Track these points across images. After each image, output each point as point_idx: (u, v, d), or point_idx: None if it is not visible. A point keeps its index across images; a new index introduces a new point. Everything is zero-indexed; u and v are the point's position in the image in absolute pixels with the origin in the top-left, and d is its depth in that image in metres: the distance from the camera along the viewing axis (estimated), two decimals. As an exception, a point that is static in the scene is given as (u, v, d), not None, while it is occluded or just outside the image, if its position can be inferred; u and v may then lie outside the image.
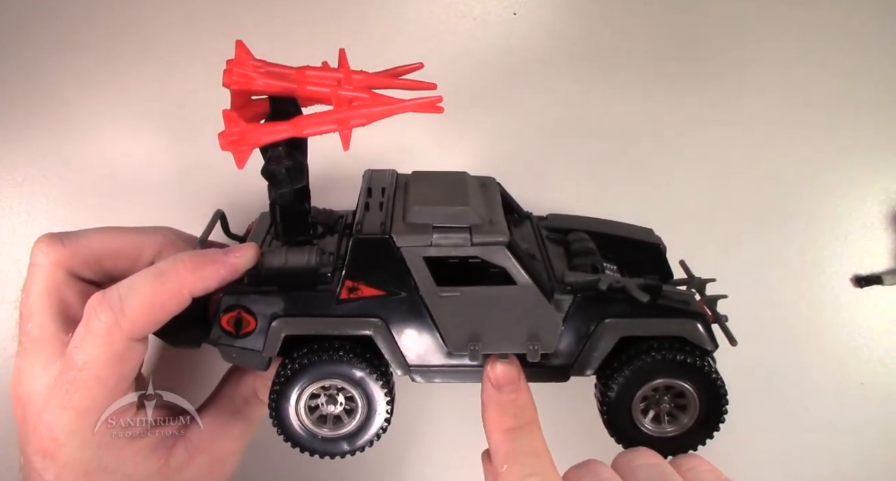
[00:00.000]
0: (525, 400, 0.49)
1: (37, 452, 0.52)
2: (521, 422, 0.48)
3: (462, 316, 0.54)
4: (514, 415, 0.48)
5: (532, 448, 0.45)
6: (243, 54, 0.50)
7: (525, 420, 0.48)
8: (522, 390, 0.50)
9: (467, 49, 0.80)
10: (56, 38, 0.75)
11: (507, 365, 0.52)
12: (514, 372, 0.51)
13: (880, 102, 0.83)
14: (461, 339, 0.55)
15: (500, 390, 0.50)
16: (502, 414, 0.49)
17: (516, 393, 0.50)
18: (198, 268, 0.53)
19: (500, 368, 0.51)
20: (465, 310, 0.54)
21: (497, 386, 0.50)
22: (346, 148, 0.48)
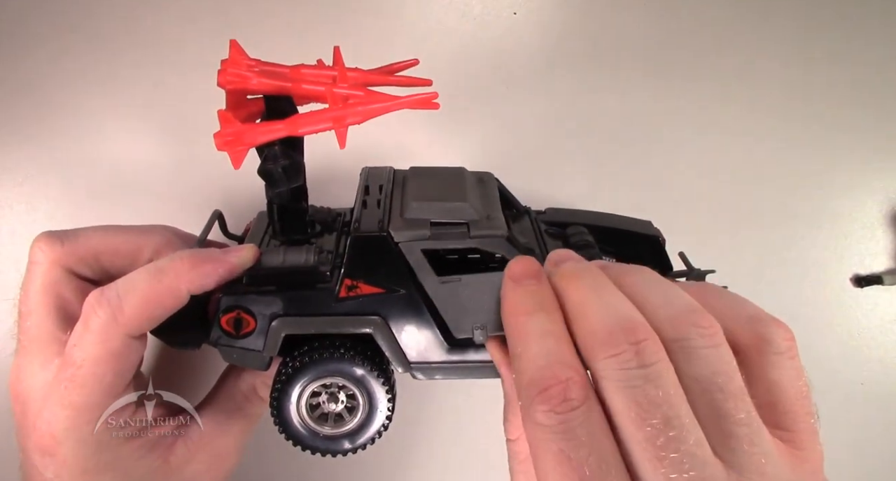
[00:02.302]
0: (547, 292, 0.44)
1: (36, 450, 0.52)
2: (541, 308, 0.43)
3: (465, 301, 0.54)
4: (535, 302, 0.43)
5: (550, 329, 0.41)
6: (237, 54, 0.50)
7: (546, 307, 0.43)
8: (544, 283, 0.45)
9: (467, 48, 0.80)
10: (56, 39, 0.75)
11: (527, 261, 0.47)
12: (535, 267, 0.46)
13: (881, 102, 0.83)
14: (465, 323, 0.54)
15: (519, 283, 0.45)
16: (521, 302, 0.44)
17: (537, 285, 0.44)
18: (196, 265, 0.53)
19: (519, 264, 0.46)
20: (468, 296, 0.54)
21: (517, 281, 0.45)
22: (343, 146, 0.48)
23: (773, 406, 0.39)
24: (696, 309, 0.39)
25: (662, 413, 0.35)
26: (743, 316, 0.41)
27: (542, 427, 0.36)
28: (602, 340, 0.37)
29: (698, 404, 0.36)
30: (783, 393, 0.39)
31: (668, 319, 0.39)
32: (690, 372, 0.37)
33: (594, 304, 0.40)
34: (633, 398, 0.35)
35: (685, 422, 0.35)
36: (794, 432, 0.39)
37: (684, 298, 0.40)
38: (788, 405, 0.39)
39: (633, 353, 0.36)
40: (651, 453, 0.35)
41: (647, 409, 0.35)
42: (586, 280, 0.42)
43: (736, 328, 0.40)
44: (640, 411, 0.35)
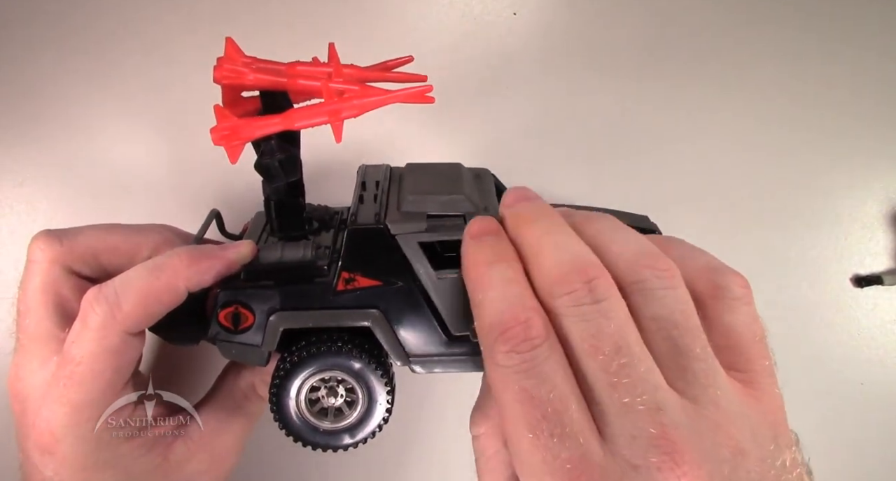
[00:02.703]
0: (506, 244, 0.44)
1: (35, 448, 0.52)
2: (500, 258, 0.43)
3: (462, 297, 0.54)
4: (493, 253, 0.44)
5: (509, 276, 0.42)
6: (233, 51, 0.50)
7: (504, 256, 0.43)
8: (503, 238, 0.45)
9: (467, 48, 0.80)
10: (56, 39, 0.76)
11: (485, 220, 0.47)
12: (494, 225, 0.47)
13: (881, 102, 0.83)
14: (462, 320, 0.55)
15: (478, 239, 0.46)
16: (480, 253, 0.44)
17: (496, 239, 0.45)
18: (194, 262, 0.53)
19: (478, 222, 0.47)
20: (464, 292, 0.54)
21: (476, 237, 0.46)
22: (339, 140, 0.48)
23: (728, 349, 0.40)
24: (655, 253, 0.41)
25: (614, 342, 0.36)
26: (701, 264, 0.43)
27: (504, 368, 0.38)
28: (557, 280, 0.39)
29: (655, 342, 0.38)
30: (738, 336, 0.40)
31: (627, 263, 0.40)
32: (647, 313, 0.38)
33: (549, 247, 0.41)
34: (587, 331, 0.37)
35: (635, 351, 0.37)
36: (749, 373, 0.40)
37: (643, 243, 0.42)
38: (743, 348, 0.40)
39: (586, 290, 0.38)
40: (605, 380, 0.36)
41: (599, 339, 0.37)
42: (541, 223, 0.43)
43: (694, 275, 0.41)
44: (593, 342, 0.37)
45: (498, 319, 0.39)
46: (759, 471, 0.36)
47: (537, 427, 0.36)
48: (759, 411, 0.39)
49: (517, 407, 0.37)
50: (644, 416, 0.35)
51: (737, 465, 0.35)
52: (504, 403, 0.38)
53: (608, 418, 0.36)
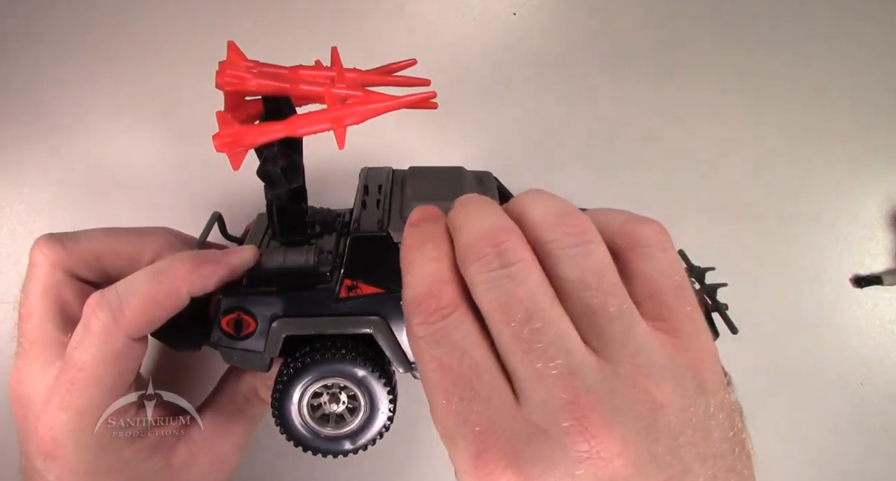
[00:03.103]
0: (439, 229, 0.43)
1: (38, 453, 0.52)
2: (428, 240, 0.43)
3: None
4: (424, 236, 0.43)
5: (432, 255, 0.41)
6: (235, 55, 0.50)
7: (433, 238, 0.43)
8: (440, 225, 0.44)
9: (467, 48, 0.80)
10: (56, 40, 0.75)
11: (426, 208, 0.46)
12: (434, 212, 0.46)
13: (881, 102, 0.83)
14: None
15: (415, 226, 0.45)
16: (412, 238, 0.44)
17: (432, 225, 0.44)
18: (196, 267, 0.53)
19: (419, 210, 0.46)
20: None
21: (414, 224, 0.45)
22: (342, 146, 0.48)
23: (650, 299, 0.40)
24: (569, 212, 0.40)
25: (525, 308, 0.36)
26: (618, 219, 0.42)
27: (419, 339, 0.38)
28: (469, 248, 0.38)
29: (570, 303, 0.37)
30: (657, 284, 0.40)
31: (541, 224, 0.39)
32: (561, 274, 0.38)
33: (471, 222, 0.40)
34: (497, 297, 0.37)
35: (548, 315, 0.36)
36: (671, 321, 0.39)
37: (560, 204, 0.41)
38: (663, 296, 0.40)
39: (495, 255, 0.37)
40: (518, 347, 0.36)
41: (510, 306, 0.36)
42: (472, 205, 0.43)
43: (612, 230, 0.41)
44: (505, 309, 0.36)
45: (414, 293, 0.39)
46: (679, 423, 0.36)
47: (448, 392, 0.37)
48: (683, 360, 0.38)
49: (431, 375, 0.37)
50: (556, 381, 0.35)
51: (655, 421, 0.35)
52: (422, 372, 0.38)
53: (522, 384, 0.36)
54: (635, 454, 0.34)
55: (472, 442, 0.36)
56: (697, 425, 0.36)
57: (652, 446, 0.34)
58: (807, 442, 0.85)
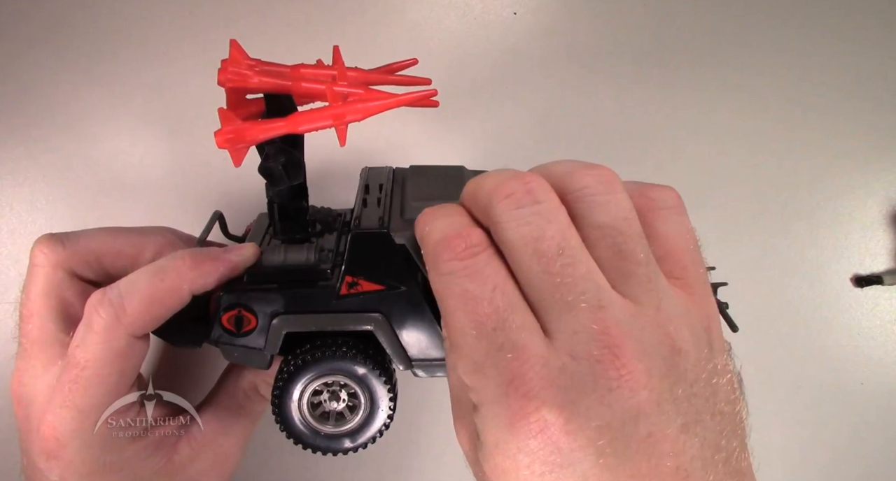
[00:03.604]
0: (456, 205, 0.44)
1: (40, 453, 0.52)
2: (444, 208, 0.44)
3: None
4: (438, 207, 0.44)
5: (452, 210, 0.43)
6: (238, 53, 0.50)
7: (450, 207, 0.44)
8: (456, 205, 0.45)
9: (467, 48, 0.80)
10: (56, 39, 0.75)
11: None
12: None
13: (881, 102, 0.83)
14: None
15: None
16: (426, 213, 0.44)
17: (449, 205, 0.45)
18: (197, 264, 0.53)
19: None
20: None
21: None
22: (343, 143, 0.48)
23: (665, 258, 0.41)
24: (595, 165, 0.41)
25: (556, 243, 0.37)
26: (635, 184, 0.44)
27: (447, 275, 0.38)
28: (496, 190, 0.39)
29: (599, 249, 0.38)
30: (674, 245, 0.41)
31: (569, 173, 0.40)
32: (591, 220, 0.39)
33: (490, 176, 0.41)
34: (529, 232, 0.37)
35: (577, 254, 0.37)
36: (685, 280, 0.41)
37: (584, 162, 0.42)
38: (679, 256, 0.41)
39: (524, 192, 0.38)
40: (548, 281, 0.37)
41: (542, 240, 0.37)
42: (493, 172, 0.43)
43: (631, 192, 0.42)
44: (536, 243, 0.37)
45: (442, 236, 0.39)
46: (694, 372, 0.37)
47: (480, 323, 0.37)
48: (696, 315, 0.40)
49: (460, 309, 0.37)
50: (587, 313, 0.36)
51: (675, 363, 0.36)
52: (448, 310, 0.38)
53: (551, 316, 0.37)
54: (658, 391, 0.35)
55: (506, 369, 0.36)
56: (707, 380, 0.37)
57: (673, 387, 0.35)
58: (806, 441, 0.85)
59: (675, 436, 0.35)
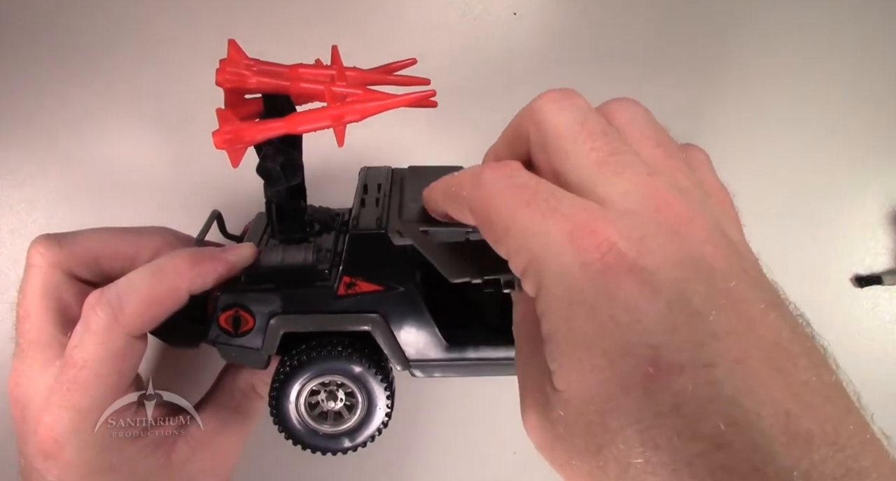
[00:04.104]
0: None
1: (38, 454, 0.52)
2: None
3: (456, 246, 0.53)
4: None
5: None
6: (236, 53, 0.50)
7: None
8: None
9: (467, 48, 0.80)
10: (56, 38, 0.75)
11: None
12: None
13: (880, 102, 0.83)
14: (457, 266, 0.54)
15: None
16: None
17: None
18: (195, 264, 0.53)
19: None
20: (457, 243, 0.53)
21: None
22: (341, 144, 0.48)
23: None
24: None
25: (601, 125, 0.38)
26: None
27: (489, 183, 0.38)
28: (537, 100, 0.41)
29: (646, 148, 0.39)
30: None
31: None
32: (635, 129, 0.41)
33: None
34: (573, 116, 0.39)
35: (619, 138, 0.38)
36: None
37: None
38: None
39: (562, 95, 0.40)
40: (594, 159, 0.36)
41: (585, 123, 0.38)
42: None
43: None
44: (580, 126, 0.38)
45: (481, 167, 0.39)
46: (750, 257, 0.37)
47: (531, 199, 0.35)
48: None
49: (508, 199, 0.36)
50: (635, 177, 0.35)
51: (725, 231, 0.35)
52: (496, 206, 0.37)
53: (599, 188, 0.35)
54: (725, 252, 0.33)
55: (567, 219, 0.33)
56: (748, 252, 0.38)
57: (729, 247, 0.34)
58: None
59: (762, 308, 0.32)
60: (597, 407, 0.32)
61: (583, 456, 0.33)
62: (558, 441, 0.34)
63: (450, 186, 0.43)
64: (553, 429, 0.34)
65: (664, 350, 0.30)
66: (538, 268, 0.34)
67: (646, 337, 0.30)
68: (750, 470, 0.28)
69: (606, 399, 0.31)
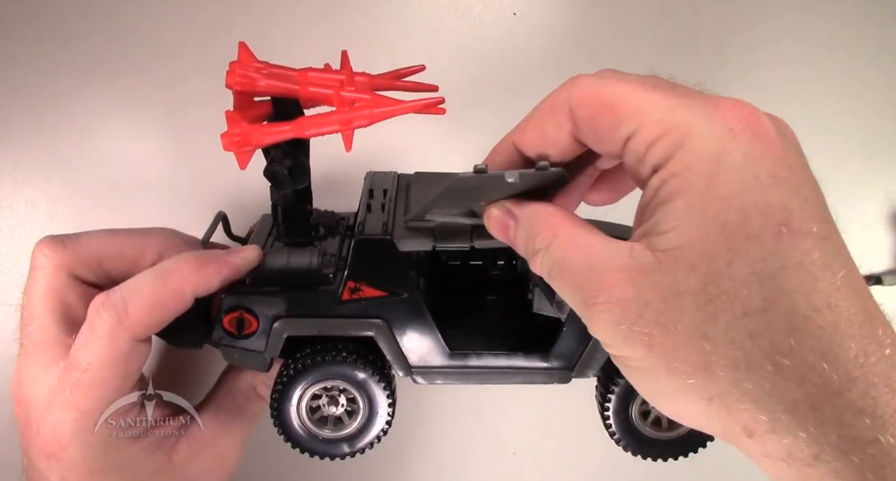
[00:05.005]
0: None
1: (41, 454, 0.52)
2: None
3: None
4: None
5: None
6: (246, 56, 0.50)
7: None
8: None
9: (467, 49, 0.80)
10: (57, 39, 0.75)
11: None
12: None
13: (880, 102, 0.83)
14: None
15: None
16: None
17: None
18: (200, 267, 0.53)
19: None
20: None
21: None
22: (349, 149, 0.48)
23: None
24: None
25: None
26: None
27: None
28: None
29: None
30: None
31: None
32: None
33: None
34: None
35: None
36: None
37: None
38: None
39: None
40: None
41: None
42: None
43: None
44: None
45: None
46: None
47: (658, 84, 0.39)
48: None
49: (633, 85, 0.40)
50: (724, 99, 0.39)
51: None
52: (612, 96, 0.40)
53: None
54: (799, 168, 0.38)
55: (706, 97, 0.38)
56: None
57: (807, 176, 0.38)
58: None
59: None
60: (722, 257, 0.34)
61: (687, 310, 0.35)
62: (655, 303, 0.36)
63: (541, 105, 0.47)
64: (647, 293, 0.36)
65: (796, 215, 0.34)
66: (681, 136, 0.36)
67: (784, 200, 0.35)
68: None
69: (732, 250, 0.34)
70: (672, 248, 0.35)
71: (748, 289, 0.33)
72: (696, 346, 0.34)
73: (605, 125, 0.40)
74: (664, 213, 0.36)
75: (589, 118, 0.41)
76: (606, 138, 0.41)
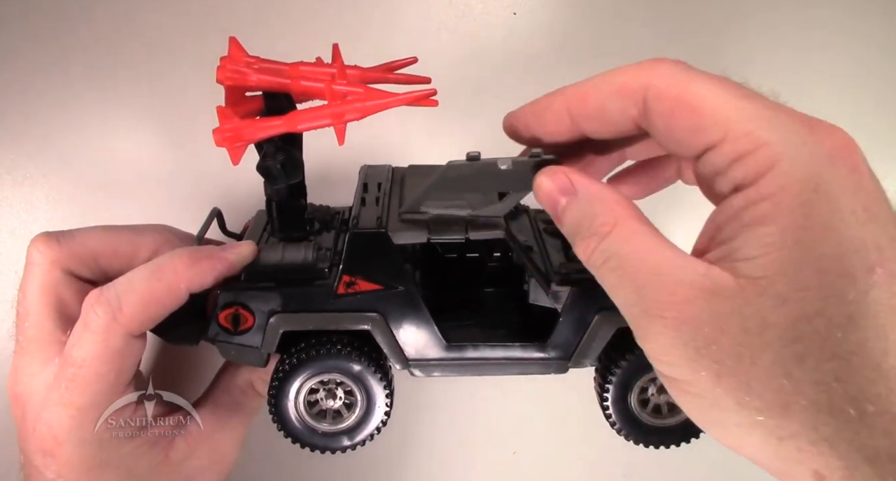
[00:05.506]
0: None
1: (37, 451, 0.52)
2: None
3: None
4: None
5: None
6: (237, 51, 0.50)
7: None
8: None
9: (467, 48, 0.80)
10: (55, 38, 0.75)
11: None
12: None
13: (880, 102, 0.83)
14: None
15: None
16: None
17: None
18: (194, 263, 0.53)
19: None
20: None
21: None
22: (342, 142, 0.48)
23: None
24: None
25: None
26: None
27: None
28: None
29: None
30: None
31: None
32: None
33: None
34: None
35: None
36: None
37: None
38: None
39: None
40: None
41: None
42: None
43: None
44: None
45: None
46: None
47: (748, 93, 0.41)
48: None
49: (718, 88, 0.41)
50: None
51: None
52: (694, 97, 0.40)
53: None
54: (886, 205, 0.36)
55: (797, 114, 0.39)
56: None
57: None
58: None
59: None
60: (815, 293, 0.33)
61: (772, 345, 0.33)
62: (733, 332, 0.34)
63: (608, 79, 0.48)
64: (725, 319, 0.34)
65: (888, 254, 0.33)
66: (772, 155, 0.35)
67: (877, 238, 0.33)
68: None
69: (826, 287, 0.33)
70: (760, 277, 0.34)
71: (842, 330, 0.32)
72: (775, 384, 0.33)
73: (683, 125, 0.39)
74: (752, 238, 0.35)
75: (666, 114, 0.40)
76: (682, 140, 0.39)
